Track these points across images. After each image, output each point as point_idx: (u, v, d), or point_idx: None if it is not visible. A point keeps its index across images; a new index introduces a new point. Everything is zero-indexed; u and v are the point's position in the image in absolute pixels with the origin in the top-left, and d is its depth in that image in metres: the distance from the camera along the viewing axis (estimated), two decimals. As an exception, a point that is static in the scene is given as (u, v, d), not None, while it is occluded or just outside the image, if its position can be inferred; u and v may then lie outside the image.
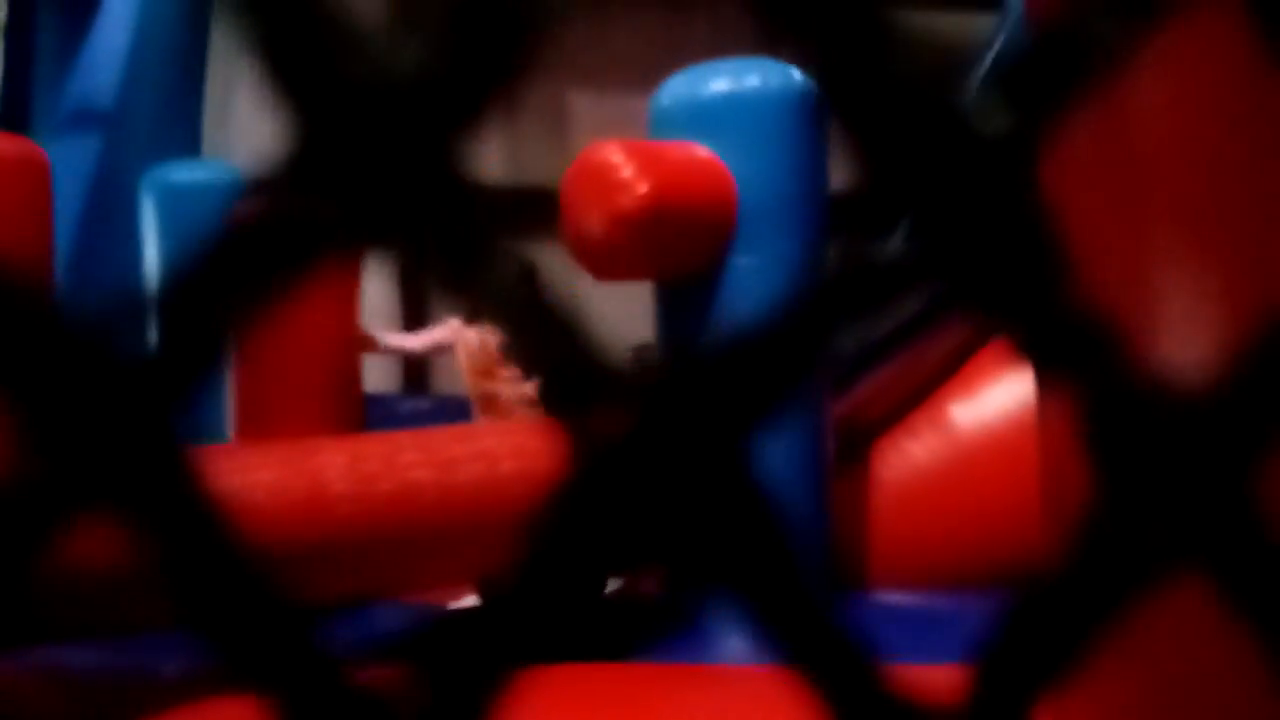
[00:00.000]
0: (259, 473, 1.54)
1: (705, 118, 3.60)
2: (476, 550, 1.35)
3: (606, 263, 3.47)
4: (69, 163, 1.86)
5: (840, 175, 1.26)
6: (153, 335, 0.61)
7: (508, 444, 1.39)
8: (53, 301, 0.57)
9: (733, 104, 3.66)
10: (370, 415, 3.62)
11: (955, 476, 1.14)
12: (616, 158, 0.90)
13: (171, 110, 3.69)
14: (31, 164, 3.19)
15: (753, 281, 1.13)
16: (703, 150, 3.34)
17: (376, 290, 3.57)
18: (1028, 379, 0.79)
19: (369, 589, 1.69)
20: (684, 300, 3.73)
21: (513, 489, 1.34)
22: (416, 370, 6.05)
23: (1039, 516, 1.18)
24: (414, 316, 7.75)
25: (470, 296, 0.65)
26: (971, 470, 1.39)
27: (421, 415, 4.47)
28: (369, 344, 5.31)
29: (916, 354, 4.00)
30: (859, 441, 1.07)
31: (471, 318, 5.66)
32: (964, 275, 0.67)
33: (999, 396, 3.16)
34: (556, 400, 0.64)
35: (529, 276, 0.62)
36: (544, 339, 0.62)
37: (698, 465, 0.67)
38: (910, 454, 2.23)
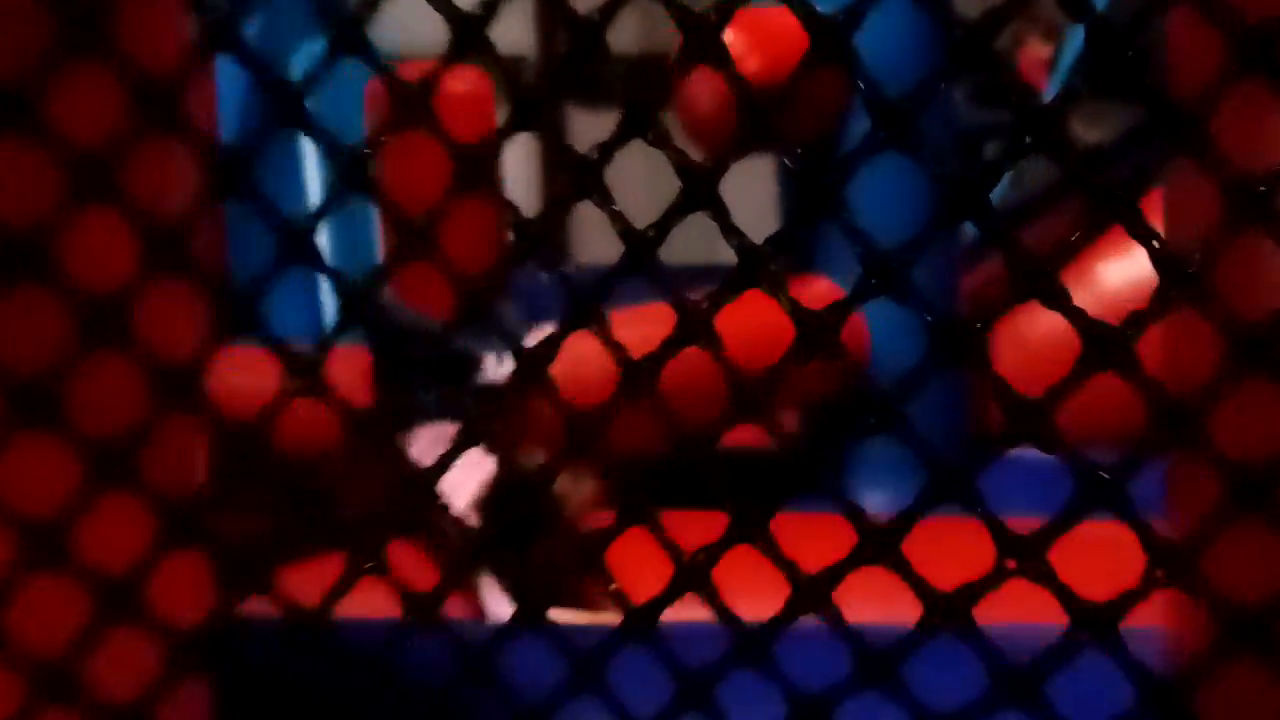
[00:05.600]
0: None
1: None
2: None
3: (719, 139, 3.47)
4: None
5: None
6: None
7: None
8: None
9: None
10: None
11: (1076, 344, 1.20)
12: (726, 35, 0.93)
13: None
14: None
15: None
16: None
17: (516, 163, 3.60)
18: (1141, 260, 0.85)
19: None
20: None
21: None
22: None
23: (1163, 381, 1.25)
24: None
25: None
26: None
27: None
28: None
29: (1038, 231, 4.00)
30: (989, 315, 1.15)
31: None
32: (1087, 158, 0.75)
33: (1116, 271, 3.16)
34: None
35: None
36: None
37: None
38: (1039, 321, 2.27)
